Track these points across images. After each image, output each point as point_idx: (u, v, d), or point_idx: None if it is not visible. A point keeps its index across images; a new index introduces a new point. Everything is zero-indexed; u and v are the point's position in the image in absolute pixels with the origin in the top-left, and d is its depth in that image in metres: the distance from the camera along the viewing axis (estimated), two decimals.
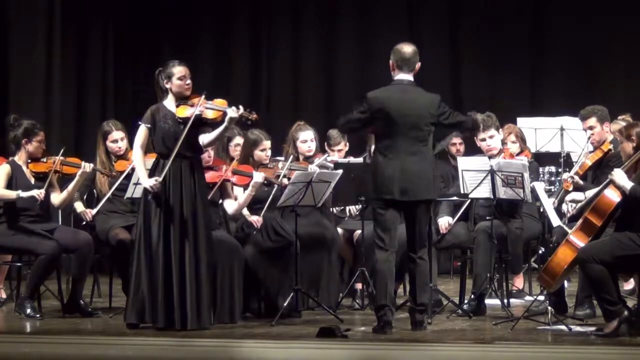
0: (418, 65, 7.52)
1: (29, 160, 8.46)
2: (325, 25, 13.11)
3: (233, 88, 13.07)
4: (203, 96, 7.54)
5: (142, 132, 7.60)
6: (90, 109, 12.40)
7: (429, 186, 7.41)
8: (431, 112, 7.39)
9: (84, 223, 8.65)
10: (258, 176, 8.21)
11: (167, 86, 7.61)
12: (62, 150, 8.47)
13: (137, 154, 7.61)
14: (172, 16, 13.09)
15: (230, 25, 13.13)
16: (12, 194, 8.24)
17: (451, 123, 7.49)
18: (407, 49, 7.51)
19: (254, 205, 8.35)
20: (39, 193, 8.19)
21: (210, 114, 7.53)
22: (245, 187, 8.22)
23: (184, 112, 7.53)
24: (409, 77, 7.50)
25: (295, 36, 13.17)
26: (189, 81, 7.61)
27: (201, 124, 7.57)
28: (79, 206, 8.72)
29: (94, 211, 8.60)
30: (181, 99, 7.60)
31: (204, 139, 7.61)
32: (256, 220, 8.23)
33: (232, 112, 7.47)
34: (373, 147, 7.69)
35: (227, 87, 13.06)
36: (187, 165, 7.54)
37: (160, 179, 7.44)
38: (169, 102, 7.63)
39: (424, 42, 12.85)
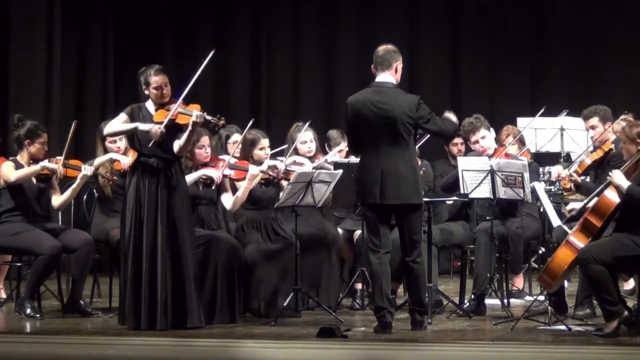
0: (397, 64, 7.44)
1: (31, 161, 8.46)
2: (325, 25, 13.10)
3: (233, 88, 13.06)
4: (179, 101, 7.59)
5: (121, 117, 7.65)
6: (90, 108, 12.39)
7: (413, 190, 7.30)
8: (409, 113, 7.28)
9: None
10: (254, 169, 8.22)
11: (146, 92, 7.68)
12: (65, 150, 8.47)
13: (117, 126, 7.64)
14: (172, 16, 13.09)
15: (230, 25, 13.12)
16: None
17: (432, 131, 7.43)
18: (380, 47, 7.49)
19: (251, 205, 8.35)
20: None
21: (181, 119, 7.59)
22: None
23: (161, 117, 7.60)
24: (389, 78, 7.42)
25: (295, 36, 13.16)
26: (165, 90, 7.64)
27: (175, 128, 7.60)
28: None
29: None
30: (159, 104, 7.66)
31: (176, 145, 7.64)
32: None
33: (196, 117, 7.50)
34: None
35: (227, 87, 13.05)
36: (164, 164, 7.57)
37: (162, 127, 7.46)
38: (150, 104, 7.70)
39: (424, 42, 12.90)
